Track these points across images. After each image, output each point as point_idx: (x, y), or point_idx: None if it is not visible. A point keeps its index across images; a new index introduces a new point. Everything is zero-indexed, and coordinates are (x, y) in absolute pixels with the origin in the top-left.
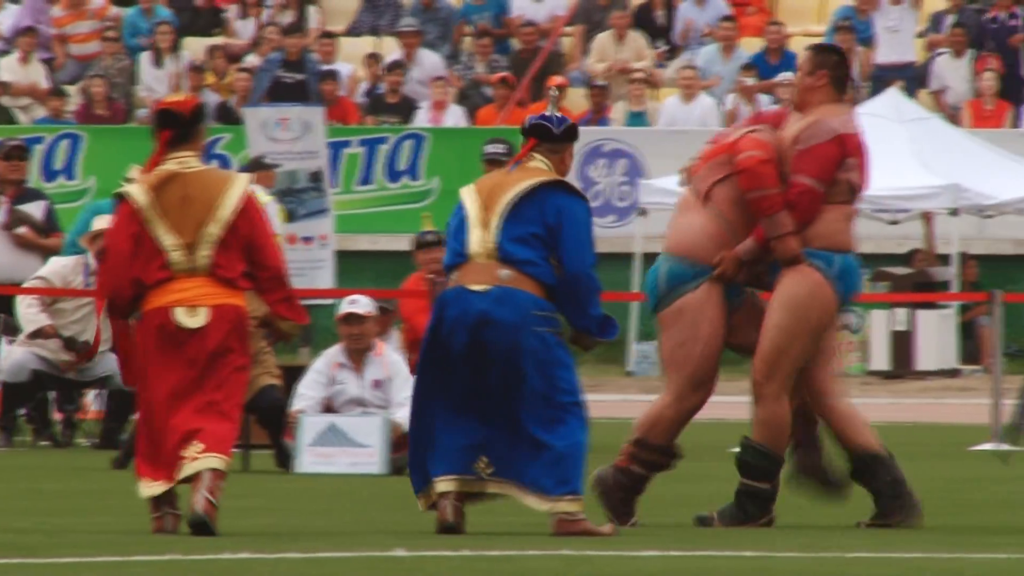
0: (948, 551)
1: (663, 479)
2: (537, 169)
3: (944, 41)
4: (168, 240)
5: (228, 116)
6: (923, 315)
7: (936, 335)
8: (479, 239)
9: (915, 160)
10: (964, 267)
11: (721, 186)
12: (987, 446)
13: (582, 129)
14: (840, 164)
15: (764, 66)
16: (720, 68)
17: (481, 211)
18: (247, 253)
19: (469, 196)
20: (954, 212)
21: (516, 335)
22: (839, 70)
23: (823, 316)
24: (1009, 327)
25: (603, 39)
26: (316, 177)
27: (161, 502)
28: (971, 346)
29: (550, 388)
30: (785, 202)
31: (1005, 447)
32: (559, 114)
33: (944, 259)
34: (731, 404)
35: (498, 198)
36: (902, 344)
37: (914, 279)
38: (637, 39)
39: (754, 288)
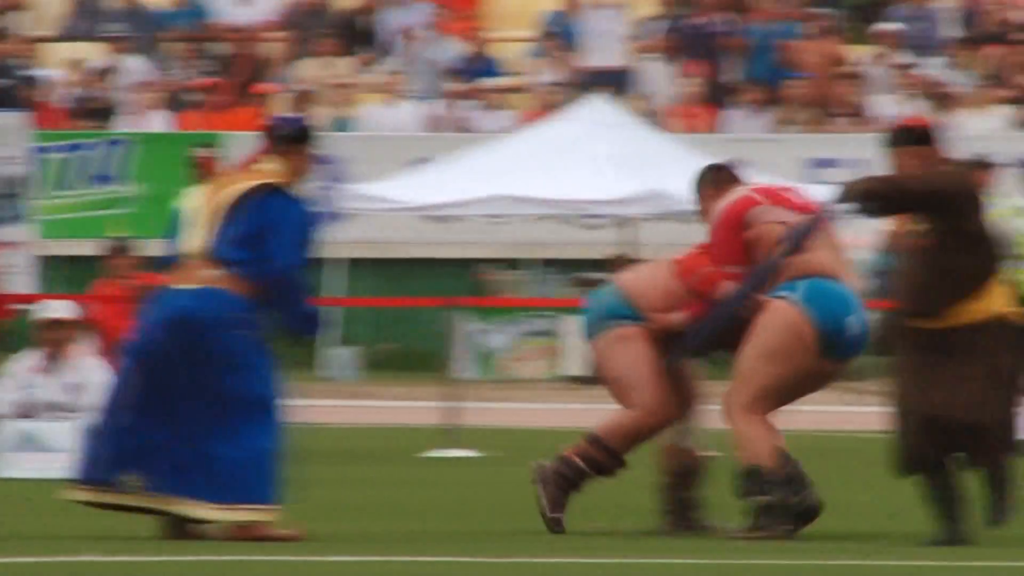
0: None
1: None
2: (262, 171)
3: (651, 46)
4: None
5: None
6: None
7: None
8: (193, 239)
9: (618, 165)
10: None
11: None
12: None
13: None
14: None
15: (468, 71)
16: (424, 73)
17: (199, 212)
18: None
19: (190, 197)
20: (656, 218)
21: (212, 334)
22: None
23: (793, 339)
24: None
25: (310, 45)
26: (13, 183)
27: None
28: None
29: (241, 391)
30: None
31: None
32: (296, 115)
33: None
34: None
35: (216, 200)
36: None
37: None
38: (341, 45)
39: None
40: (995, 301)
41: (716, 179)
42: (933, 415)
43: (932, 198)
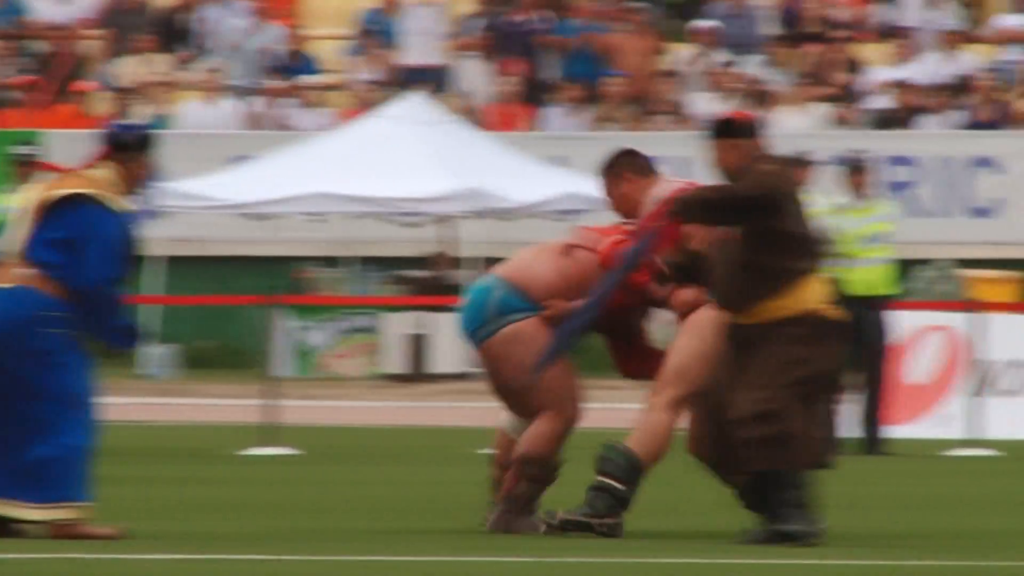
0: (463, 555)
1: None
2: (91, 178)
3: (468, 44)
4: None
5: None
6: (439, 318)
7: (451, 338)
8: (13, 239)
9: (437, 163)
10: (485, 270)
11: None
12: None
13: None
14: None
15: (287, 68)
16: (242, 71)
17: (23, 212)
18: None
19: (20, 197)
20: (475, 215)
21: (21, 333)
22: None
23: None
24: None
25: (128, 43)
26: None
27: None
28: None
29: (55, 389)
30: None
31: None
32: (136, 122)
33: (464, 262)
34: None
35: (40, 202)
36: (416, 347)
37: (432, 282)
38: (159, 43)
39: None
40: (809, 298)
41: (639, 165)
42: (724, 412)
43: (759, 202)
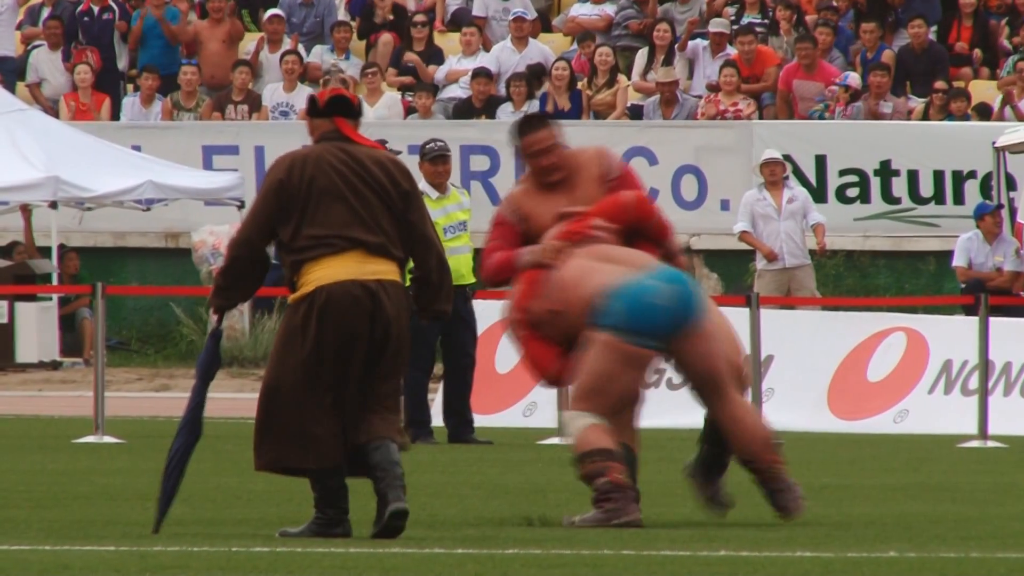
0: (54, 543)
1: None
2: None
3: (40, 33)
4: None
5: None
6: (23, 307)
7: (37, 327)
8: None
9: (14, 152)
10: (65, 259)
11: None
12: (90, 438)
13: None
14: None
15: None
16: None
17: None
18: None
19: None
20: (54, 204)
21: None
22: None
23: None
24: (111, 319)
25: None
26: None
27: None
28: (72, 338)
29: None
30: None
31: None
32: None
33: (45, 251)
34: None
35: None
36: (2, 336)
37: (14, 271)
38: None
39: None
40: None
41: (558, 129)
42: None
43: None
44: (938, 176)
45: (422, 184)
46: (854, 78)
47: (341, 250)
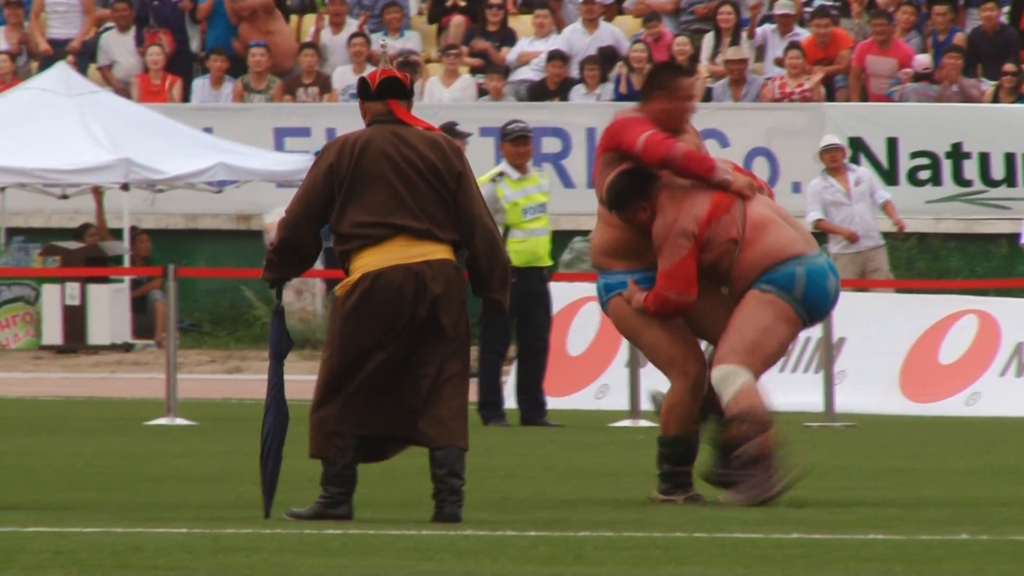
0: (126, 526)
1: None
2: None
3: (112, 16)
4: None
5: None
6: (95, 289)
7: (109, 309)
8: None
9: (85, 134)
10: (136, 241)
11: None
12: (162, 421)
13: None
14: None
15: None
16: None
17: None
18: None
19: None
20: (125, 187)
21: None
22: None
23: None
24: (183, 301)
25: None
26: None
27: None
28: (144, 320)
29: None
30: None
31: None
32: None
33: (117, 233)
34: None
35: None
36: (74, 318)
37: (86, 253)
38: None
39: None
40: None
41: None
42: None
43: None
44: (1009, 159)
45: (503, 164)
46: (923, 60)
47: (385, 238)
